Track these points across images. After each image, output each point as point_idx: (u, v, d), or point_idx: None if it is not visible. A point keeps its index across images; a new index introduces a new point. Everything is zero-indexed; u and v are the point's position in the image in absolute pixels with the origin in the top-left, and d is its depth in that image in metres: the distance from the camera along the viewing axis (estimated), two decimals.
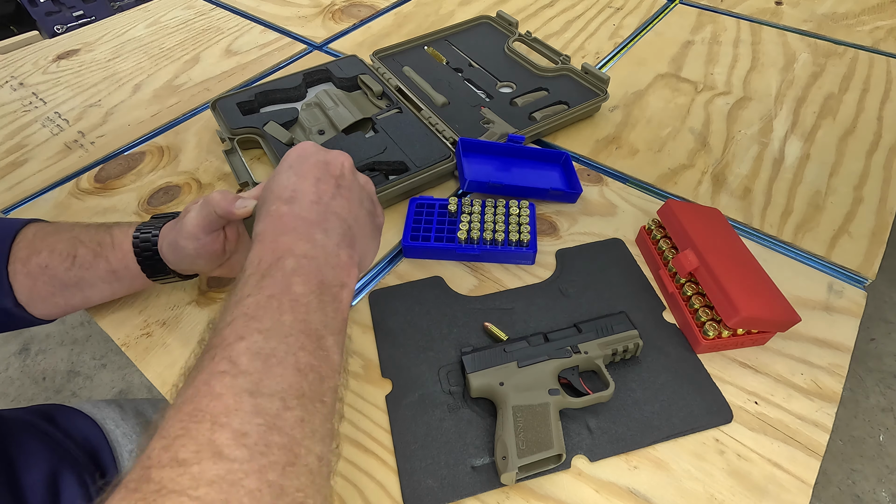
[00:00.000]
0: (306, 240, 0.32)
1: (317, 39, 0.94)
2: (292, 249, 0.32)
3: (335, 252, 0.33)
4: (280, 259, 0.31)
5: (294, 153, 0.38)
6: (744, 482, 0.41)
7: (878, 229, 0.59)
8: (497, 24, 0.87)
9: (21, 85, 0.85)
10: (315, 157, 0.38)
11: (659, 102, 0.77)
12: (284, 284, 0.30)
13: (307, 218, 0.33)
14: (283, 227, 0.33)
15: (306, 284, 0.30)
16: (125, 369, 1.42)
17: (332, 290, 0.32)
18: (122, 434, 0.55)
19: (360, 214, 0.37)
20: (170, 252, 0.44)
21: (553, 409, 0.42)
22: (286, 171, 0.37)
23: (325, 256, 0.32)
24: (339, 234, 0.34)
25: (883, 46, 0.87)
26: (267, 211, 0.35)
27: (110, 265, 0.46)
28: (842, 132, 0.72)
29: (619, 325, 0.48)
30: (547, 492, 0.41)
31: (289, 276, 0.30)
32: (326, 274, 0.32)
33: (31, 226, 0.48)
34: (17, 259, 0.45)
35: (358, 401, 0.46)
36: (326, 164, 0.37)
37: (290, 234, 0.32)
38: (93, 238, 0.46)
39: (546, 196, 0.61)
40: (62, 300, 0.47)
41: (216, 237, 0.43)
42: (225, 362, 0.26)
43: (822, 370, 0.48)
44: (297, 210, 0.34)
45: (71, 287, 0.46)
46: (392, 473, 0.42)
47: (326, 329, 0.30)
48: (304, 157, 0.38)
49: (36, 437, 0.50)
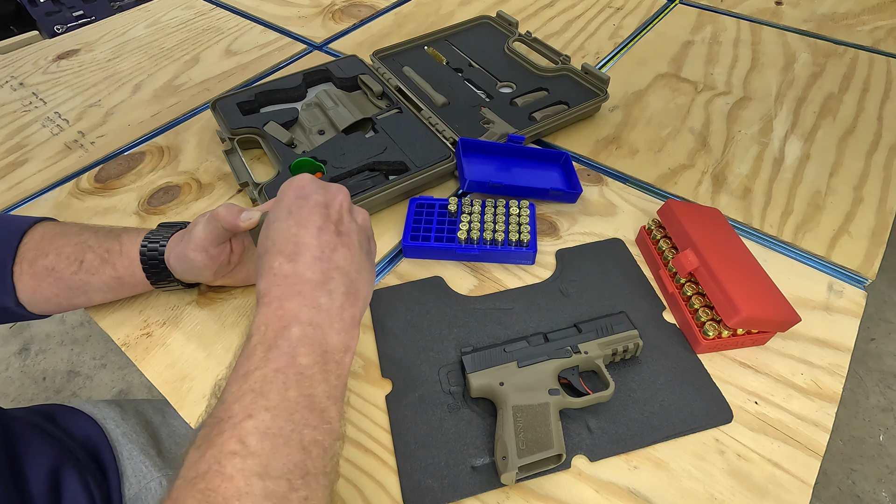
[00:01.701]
0: (311, 305, 0.33)
1: (317, 39, 0.94)
2: (298, 316, 0.32)
3: (339, 315, 0.33)
4: (286, 328, 0.31)
5: (291, 192, 0.38)
6: (744, 482, 0.41)
7: (878, 229, 0.59)
8: (497, 24, 0.87)
9: (21, 85, 0.85)
10: (314, 197, 0.37)
11: (659, 102, 0.77)
12: (290, 357, 0.31)
13: (311, 279, 0.34)
14: (288, 291, 0.33)
15: (311, 355, 0.31)
16: (125, 369, 1.42)
17: (336, 356, 0.32)
18: (122, 434, 0.55)
19: (360, 261, 0.37)
20: (177, 263, 0.46)
21: (553, 409, 0.42)
22: (286, 218, 0.36)
23: (330, 321, 0.33)
24: (342, 294, 0.34)
25: (883, 46, 0.87)
26: (269, 267, 0.35)
27: (116, 272, 0.47)
28: (842, 132, 0.72)
29: (619, 325, 0.48)
30: (547, 492, 0.41)
31: (294, 347, 0.31)
32: (331, 340, 0.32)
33: (40, 226, 0.48)
34: (23, 259, 0.45)
35: (358, 401, 0.46)
36: (326, 206, 0.37)
37: (294, 298, 0.33)
38: (101, 244, 0.47)
39: (546, 196, 0.61)
40: (65, 301, 0.47)
41: (223, 249, 0.45)
42: (234, 441, 0.27)
43: (822, 370, 0.48)
44: (301, 270, 0.34)
45: (75, 290, 0.47)
46: (392, 473, 0.42)
47: (330, 399, 0.31)
48: (302, 199, 0.37)
49: (39, 435, 0.50)
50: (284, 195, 0.38)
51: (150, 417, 0.60)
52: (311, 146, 0.66)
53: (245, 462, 0.27)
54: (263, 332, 0.32)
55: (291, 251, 0.34)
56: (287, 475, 0.27)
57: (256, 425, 0.28)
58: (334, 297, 0.34)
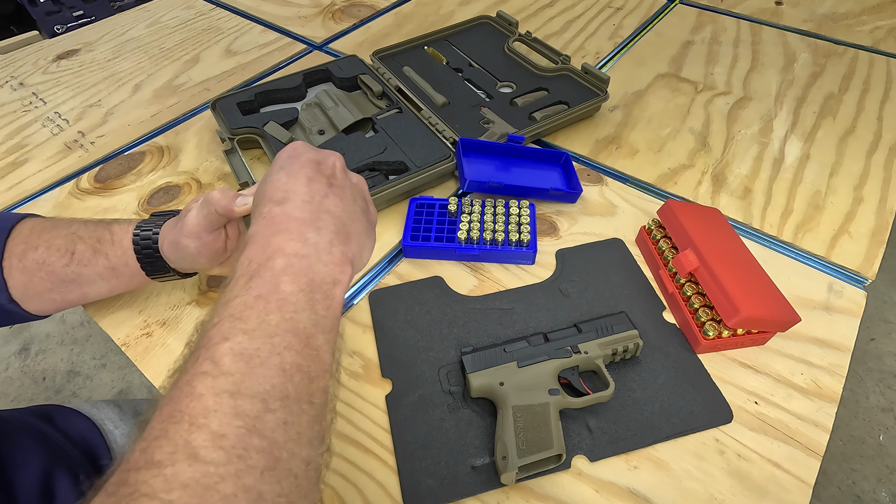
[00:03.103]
0: (298, 239, 0.32)
1: (317, 39, 0.94)
2: (283, 249, 0.31)
3: (328, 249, 0.32)
4: (270, 259, 0.31)
5: (285, 153, 0.38)
6: (744, 482, 0.41)
7: (878, 229, 0.59)
8: (497, 24, 0.87)
9: (21, 85, 0.85)
10: (306, 155, 0.37)
11: (659, 102, 0.77)
12: (273, 284, 0.30)
13: (299, 217, 0.33)
14: (275, 228, 0.33)
15: (295, 283, 0.30)
16: (125, 369, 1.42)
17: (324, 287, 0.31)
18: (120, 434, 0.55)
19: (354, 211, 0.36)
20: (171, 250, 0.44)
21: (553, 409, 0.42)
22: (277, 171, 0.36)
23: (318, 254, 0.32)
24: (332, 231, 0.33)
25: (883, 46, 0.88)
26: (259, 213, 0.34)
27: (109, 262, 0.45)
28: (842, 132, 0.72)
29: (619, 325, 0.48)
30: (547, 492, 0.41)
31: (278, 276, 0.30)
32: (318, 271, 0.31)
33: (28, 221, 0.47)
34: (12, 255, 0.45)
35: (358, 401, 0.46)
36: (318, 162, 0.37)
37: (281, 234, 0.32)
38: (92, 234, 0.46)
39: (546, 196, 0.61)
40: (58, 296, 0.46)
41: (217, 235, 0.44)
42: (207, 363, 0.26)
43: (822, 370, 0.48)
44: (289, 210, 0.33)
45: (68, 283, 0.45)
46: (392, 473, 0.42)
47: (316, 327, 0.30)
48: (294, 157, 0.37)
49: (31, 437, 0.49)
50: (278, 157, 0.38)
51: (150, 417, 0.60)
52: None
53: (216, 381, 0.25)
54: (247, 265, 0.31)
55: (281, 197, 0.34)
56: (263, 395, 0.26)
57: (232, 346, 0.27)
58: (323, 233, 0.33)
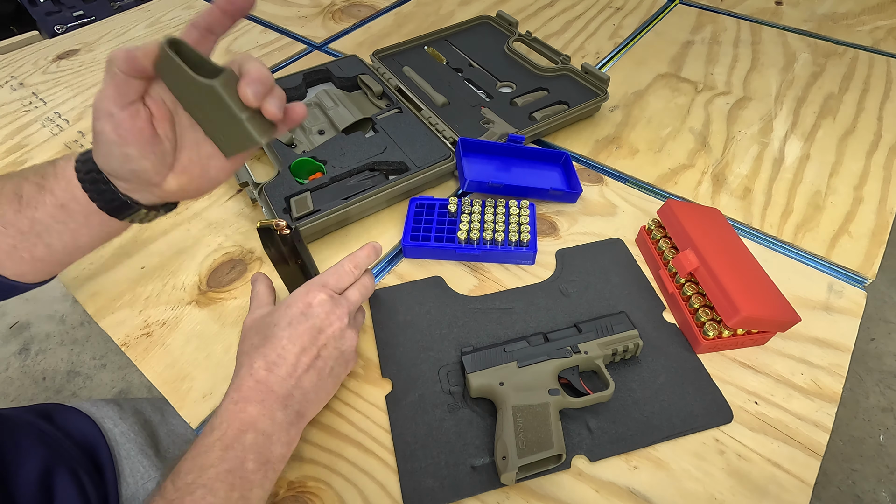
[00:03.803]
0: (268, 416, 0.38)
1: (317, 39, 0.94)
2: (255, 424, 0.38)
3: (286, 430, 0.39)
4: (243, 433, 0.37)
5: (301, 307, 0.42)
6: (744, 482, 0.41)
7: (878, 229, 0.59)
8: (497, 24, 0.87)
9: (21, 85, 0.85)
10: (313, 321, 0.42)
11: (659, 102, 0.77)
12: (240, 461, 0.36)
13: (276, 392, 0.39)
14: (255, 396, 0.39)
15: (257, 461, 0.37)
16: (125, 369, 1.42)
17: (276, 465, 0.38)
18: (120, 433, 0.55)
19: (323, 385, 0.42)
20: (104, 160, 0.38)
21: (553, 409, 0.42)
22: (284, 327, 0.42)
23: (278, 434, 0.39)
24: (295, 413, 0.40)
25: (883, 46, 0.88)
26: (251, 364, 0.40)
27: (56, 198, 0.40)
28: (842, 132, 0.72)
29: (619, 325, 0.48)
30: (547, 492, 0.41)
31: (246, 452, 0.37)
32: (275, 452, 0.38)
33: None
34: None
35: (358, 401, 0.46)
36: (320, 331, 0.42)
37: (257, 405, 0.38)
38: (37, 172, 0.41)
39: (546, 196, 0.61)
40: (26, 252, 0.42)
41: (136, 112, 0.36)
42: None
43: (822, 370, 0.48)
44: (272, 381, 0.40)
45: (27, 234, 0.41)
46: (392, 473, 0.42)
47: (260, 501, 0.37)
48: (304, 318, 0.42)
49: (31, 435, 0.50)
50: (294, 303, 0.43)
51: (149, 416, 0.60)
52: (311, 146, 0.66)
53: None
54: (224, 429, 0.37)
55: (273, 360, 0.40)
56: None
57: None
58: (288, 412, 0.39)
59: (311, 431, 0.45)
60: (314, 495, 0.41)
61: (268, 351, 0.40)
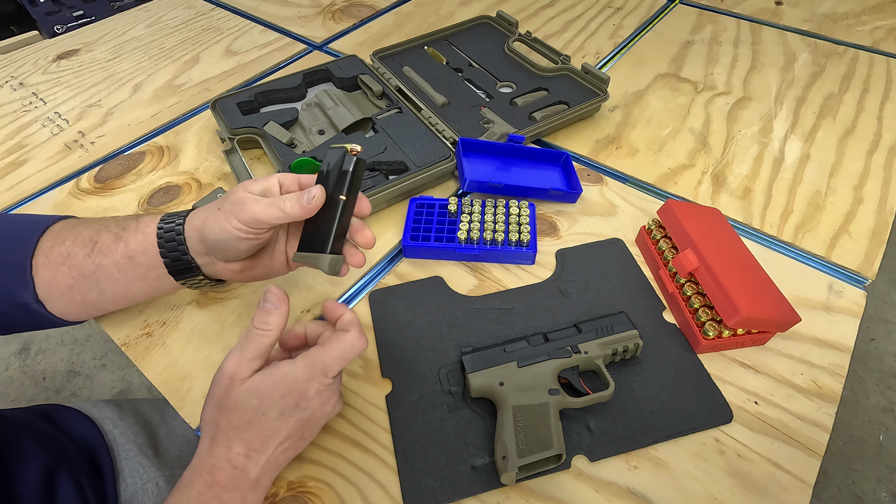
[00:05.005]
0: (240, 499, 0.38)
1: (317, 39, 0.94)
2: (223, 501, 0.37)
3: (252, 501, 0.38)
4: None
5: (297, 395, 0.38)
6: (744, 482, 0.41)
7: (878, 229, 0.59)
8: (497, 24, 0.87)
9: (21, 85, 0.85)
10: (305, 413, 0.39)
11: (659, 102, 0.77)
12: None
13: (251, 478, 0.38)
14: (230, 482, 0.37)
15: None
16: (125, 369, 1.42)
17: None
18: (120, 434, 0.55)
19: (296, 447, 0.40)
20: (209, 230, 0.42)
21: (553, 409, 0.42)
22: (275, 417, 0.38)
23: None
24: (263, 488, 0.39)
25: (883, 46, 0.88)
26: (232, 446, 0.37)
27: (128, 249, 0.43)
28: (842, 132, 0.72)
29: (619, 325, 0.48)
30: (547, 492, 0.41)
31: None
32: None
33: (62, 221, 0.47)
34: (41, 251, 0.44)
35: (358, 401, 0.46)
36: (309, 420, 0.39)
37: (231, 492, 0.37)
38: (119, 224, 0.45)
39: (546, 196, 0.61)
40: (79, 295, 0.45)
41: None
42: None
43: (822, 370, 0.48)
44: (249, 469, 0.38)
45: (87, 277, 0.44)
46: (392, 473, 0.42)
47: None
48: (297, 410, 0.38)
49: (32, 437, 0.50)
50: (290, 394, 0.38)
51: (149, 417, 0.60)
52: (311, 146, 0.66)
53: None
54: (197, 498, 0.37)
55: (255, 447, 0.38)
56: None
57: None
58: (258, 490, 0.39)
59: None
60: (314, 495, 0.41)
61: (251, 438, 0.38)
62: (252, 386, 0.37)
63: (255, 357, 0.38)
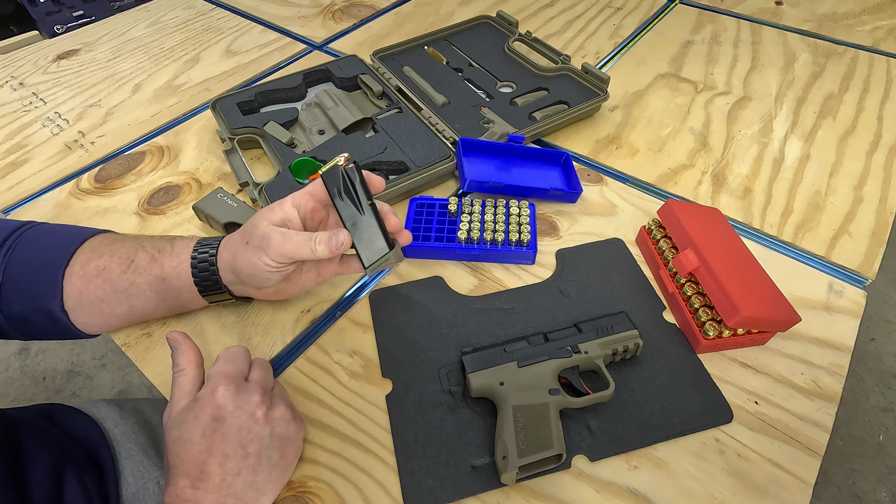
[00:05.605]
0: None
1: (317, 39, 0.94)
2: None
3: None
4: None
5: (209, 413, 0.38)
6: (744, 482, 0.41)
7: (878, 229, 0.59)
8: (497, 24, 0.87)
9: (21, 85, 0.85)
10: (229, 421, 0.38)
11: (659, 102, 0.77)
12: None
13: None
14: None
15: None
16: (125, 369, 1.42)
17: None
18: (120, 433, 0.55)
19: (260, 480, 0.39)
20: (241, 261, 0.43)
21: (553, 409, 0.42)
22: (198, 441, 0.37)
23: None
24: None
25: (883, 46, 0.88)
26: (175, 485, 0.36)
27: (163, 271, 0.45)
28: (842, 132, 0.72)
29: (620, 325, 0.48)
30: (547, 492, 0.41)
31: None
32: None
33: (103, 234, 0.49)
34: (77, 262, 0.45)
35: (358, 401, 0.46)
36: (239, 429, 0.38)
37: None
38: (155, 245, 0.47)
39: (546, 196, 0.61)
40: (108, 308, 0.46)
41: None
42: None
43: (822, 370, 0.48)
44: (201, 497, 0.36)
45: (120, 293, 0.46)
46: (392, 473, 0.42)
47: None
48: (218, 423, 0.38)
49: (39, 436, 0.50)
50: (202, 412, 0.38)
51: (150, 417, 0.60)
52: (311, 146, 0.66)
53: None
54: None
55: (197, 476, 0.37)
56: None
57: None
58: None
59: (312, 431, 0.45)
60: (314, 495, 0.41)
61: (188, 469, 0.37)
62: (171, 422, 0.39)
63: (181, 398, 0.40)
